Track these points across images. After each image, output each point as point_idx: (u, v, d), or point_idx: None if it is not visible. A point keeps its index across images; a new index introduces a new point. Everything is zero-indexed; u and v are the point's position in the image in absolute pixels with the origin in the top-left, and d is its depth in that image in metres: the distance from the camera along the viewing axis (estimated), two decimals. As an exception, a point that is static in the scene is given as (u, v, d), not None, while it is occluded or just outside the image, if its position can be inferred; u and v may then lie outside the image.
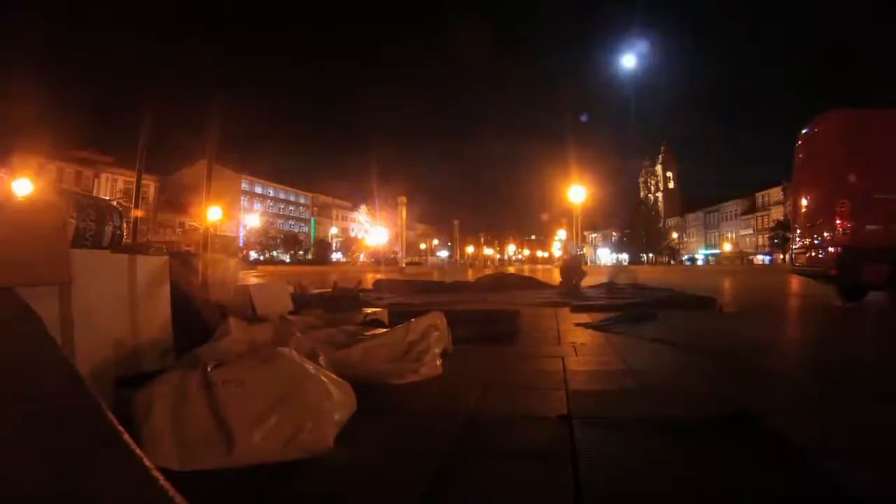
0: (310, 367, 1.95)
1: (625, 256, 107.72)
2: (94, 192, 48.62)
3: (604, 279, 13.10)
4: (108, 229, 2.99)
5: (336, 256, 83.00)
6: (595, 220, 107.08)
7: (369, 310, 4.65)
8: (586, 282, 11.17)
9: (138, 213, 5.23)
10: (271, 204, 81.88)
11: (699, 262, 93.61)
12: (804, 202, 8.67)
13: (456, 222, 70.01)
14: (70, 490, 0.81)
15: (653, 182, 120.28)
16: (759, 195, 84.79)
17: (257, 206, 77.67)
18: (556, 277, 13.02)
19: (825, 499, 1.47)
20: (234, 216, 65.22)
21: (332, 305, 4.91)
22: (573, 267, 11.25)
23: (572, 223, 33.44)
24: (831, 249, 7.51)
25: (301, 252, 78.79)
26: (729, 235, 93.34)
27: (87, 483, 0.83)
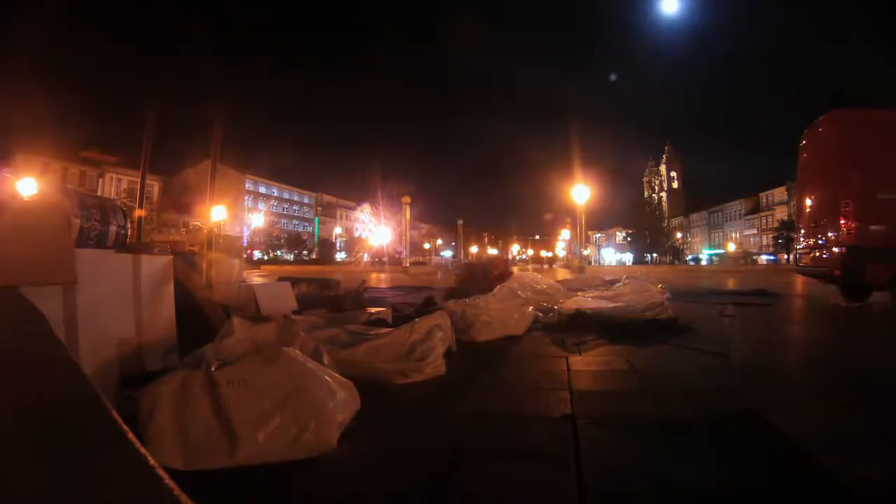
0: (313, 366, 1.96)
1: (629, 256, 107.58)
2: (99, 192, 48.79)
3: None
4: (113, 229, 3.01)
5: (340, 256, 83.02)
6: (599, 220, 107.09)
7: (373, 309, 4.66)
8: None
9: (142, 212, 5.25)
10: (275, 203, 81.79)
11: (703, 262, 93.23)
12: (808, 202, 8.64)
13: (460, 222, 70.11)
14: (74, 489, 0.81)
15: (657, 182, 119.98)
16: (763, 195, 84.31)
17: (261, 205, 77.67)
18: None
19: (828, 498, 1.47)
20: (239, 216, 65.29)
21: (336, 305, 4.91)
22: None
23: (576, 223, 33.38)
24: (835, 249, 7.48)
25: (305, 252, 78.83)
26: (733, 235, 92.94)
27: (91, 482, 0.83)
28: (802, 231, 8.92)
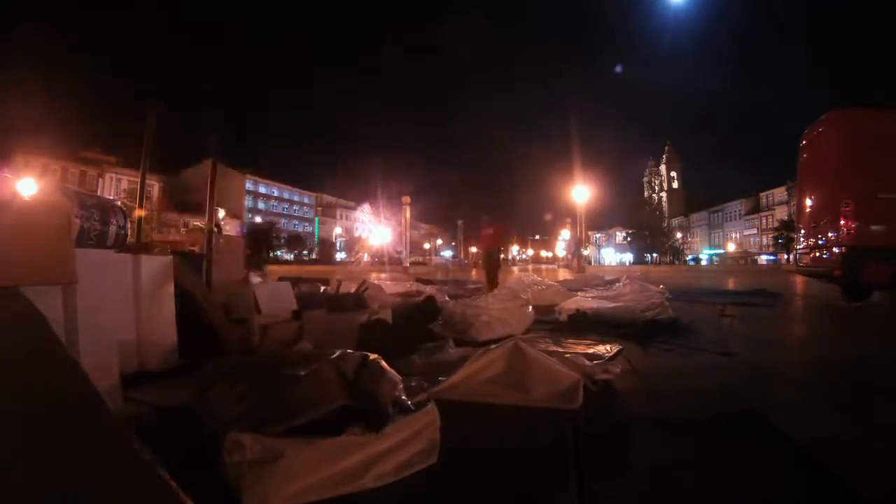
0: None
1: (629, 256, 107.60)
2: (99, 191, 48.76)
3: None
4: (113, 229, 3.01)
5: (340, 256, 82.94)
6: (599, 220, 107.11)
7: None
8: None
9: (142, 212, 5.25)
10: (275, 203, 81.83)
11: (703, 262, 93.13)
12: (808, 202, 8.64)
13: (460, 222, 70.14)
14: (74, 489, 0.81)
15: (657, 182, 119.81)
16: (763, 195, 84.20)
17: (262, 205, 77.82)
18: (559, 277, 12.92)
19: (828, 498, 1.47)
20: (239, 216, 65.31)
21: (336, 305, 4.90)
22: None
23: (576, 223, 33.42)
24: (835, 250, 7.48)
25: (305, 252, 78.78)
26: (733, 235, 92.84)
27: (91, 482, 0.83)
28: (802, 231, 8.92)
